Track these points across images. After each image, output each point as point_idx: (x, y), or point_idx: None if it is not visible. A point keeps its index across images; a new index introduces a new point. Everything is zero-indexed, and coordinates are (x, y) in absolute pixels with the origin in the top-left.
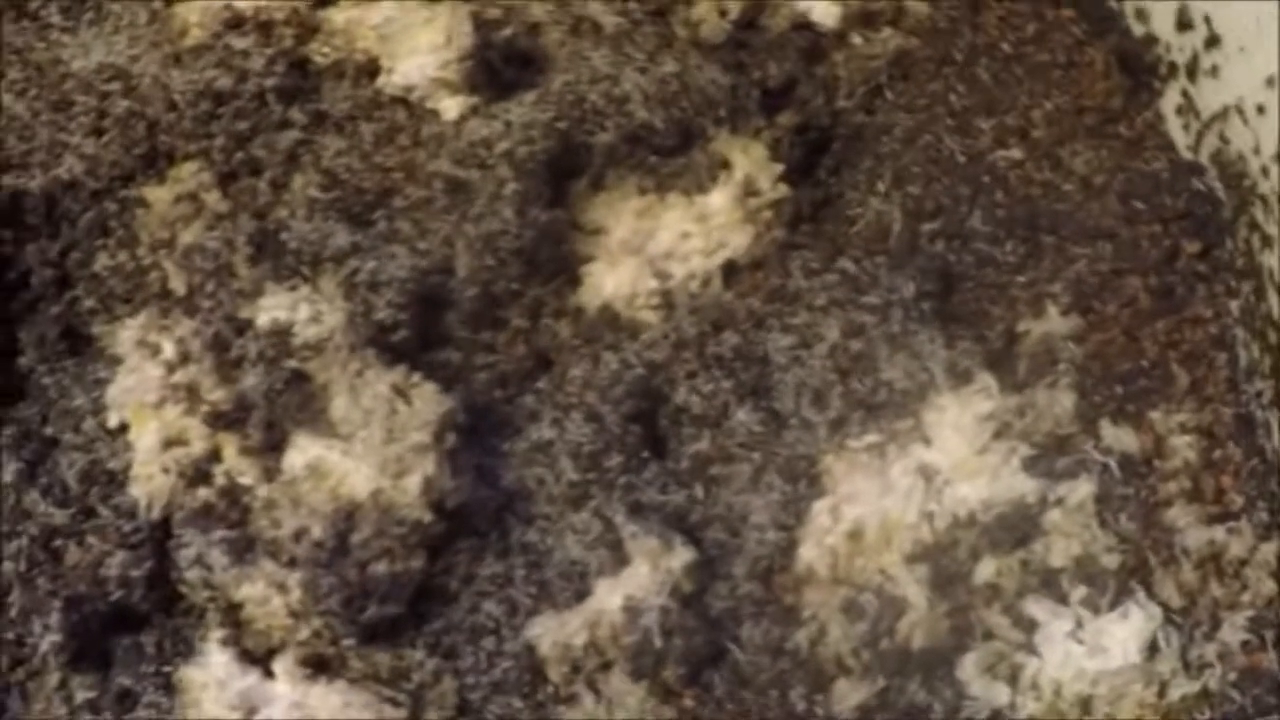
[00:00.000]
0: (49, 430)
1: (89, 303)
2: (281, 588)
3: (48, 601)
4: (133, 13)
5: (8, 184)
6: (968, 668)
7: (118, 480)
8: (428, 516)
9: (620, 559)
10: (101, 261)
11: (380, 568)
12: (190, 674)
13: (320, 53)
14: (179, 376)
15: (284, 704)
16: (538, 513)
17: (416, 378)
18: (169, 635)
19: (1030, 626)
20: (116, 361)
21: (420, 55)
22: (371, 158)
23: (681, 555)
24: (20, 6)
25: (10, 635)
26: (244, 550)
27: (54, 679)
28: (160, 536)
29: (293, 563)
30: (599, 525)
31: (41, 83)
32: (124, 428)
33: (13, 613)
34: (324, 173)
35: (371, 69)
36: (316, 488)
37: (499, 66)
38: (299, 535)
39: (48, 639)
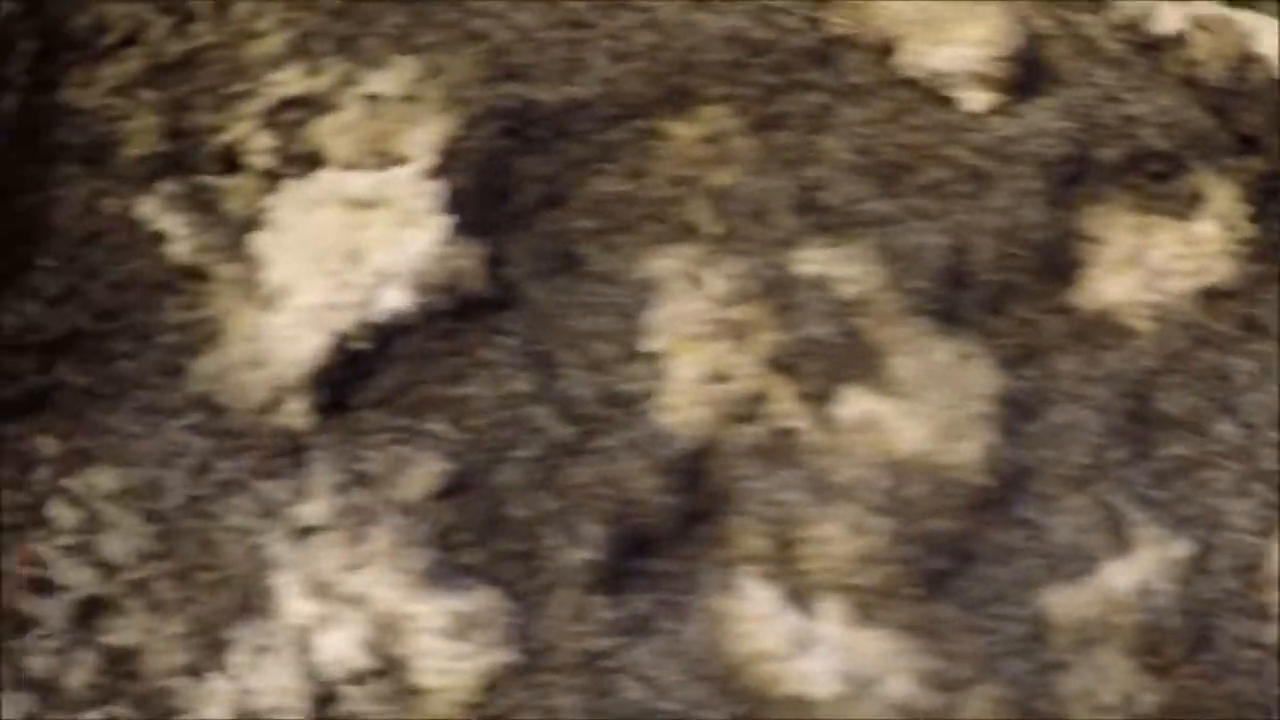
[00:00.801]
0: (543, 346)
1: (584, 224)
2: (858, 530)
3: (567, 518)
4: None
5: (518, 94)
6: None
7: (637, 405)
8: (986, 481)
9: (1122, 543)
10: (601, 186)
11: (937, 524)
12: (727, 605)
13: (834, 21)
14: (729, 313)
15: (831, 646)
16: (1043, 491)
17: (979, 349)
18: (689, 565)
19: None
20: (643, 288)
21: (962, 45)
22: (888, 133)
23: (1181, 546)
24: None
25: (518, 547)
26: (817, 493)
27: (571, 597)
28: (693, 466)
29: (868, 509)
30: (1101, 510)
31: None
32: (654, 355)
33: (524, 525)
34: (851, 137)
35: (886, 47)
36: (867, 440)
37: (1019, 67)
38: (862, 484)
39: (572, 555)
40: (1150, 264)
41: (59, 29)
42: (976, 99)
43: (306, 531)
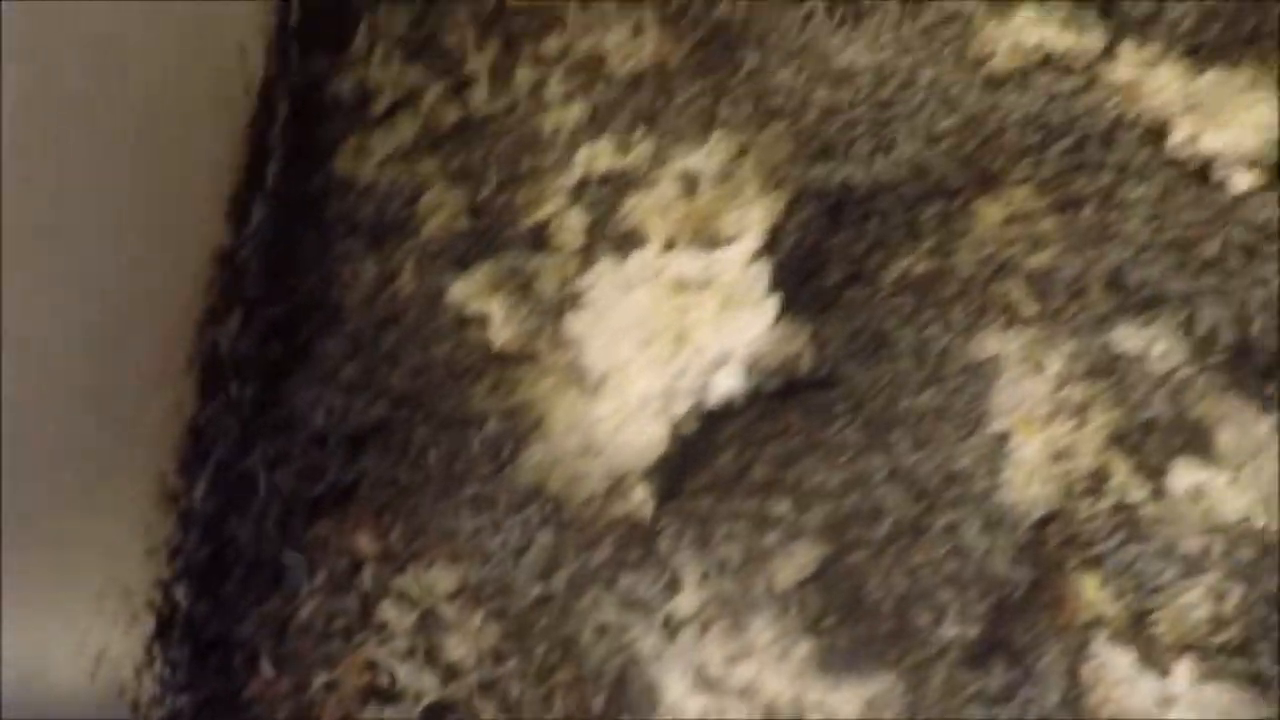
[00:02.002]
0: (877, 426)
1: (894, 303)
2: (1220, 598)
3: (933, 595)
4: (900, 22)
5: (831, 174)
6: None
7: (980, 483)
8: None
9: None
10: (910, 265)
11: (1270, 583)
12: (1086, 672)
13: (1110, 102)
14: (1067, 393)
15: (1187, 702)
16: None
17: None
18: (1045, 633)
19: None
20: (975, 369)
21: (1239, 130)
22: (1163, 212)
23: None
24: None
25: (886, 627)
26: (1176, 562)
27: (944, 671)
28: (1039, 542)
29: (1225, 575)
30: None
31: (825, 73)
32: (1003, 436)
33: (885, 605)
34: (1139, 218)
35: (1158, 129)
36: (1195, 509)
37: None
38: (1205, 552)
39: (943, 632)
40: None
41: (319, 93)
42: (1243, 180)
43: (680, 624)
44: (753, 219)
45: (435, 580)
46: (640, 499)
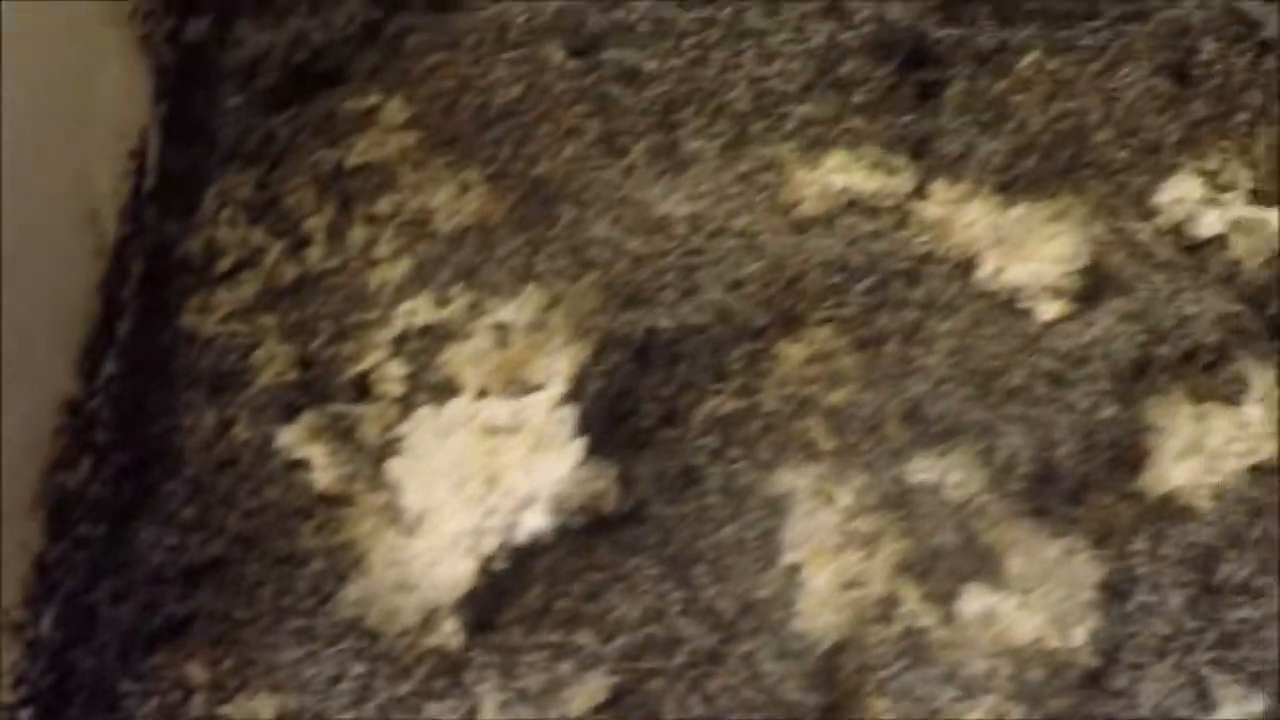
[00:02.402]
0: (679, 560)
1: (702, 442)
2: (997, 716)
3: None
4: (720, 171)
5: (638, 320)
6: None
7: (774, 613)
8: (1094, 662)
9: (1208, 703)
10: (718, 406)
11: (1055, 704)
12: None
13: (919, 240)
14: (857, 525)
15: None
16: (1134, 662)
17: (1081, 543)
18: None
19: None
20: (772, 504)
21: (1040, 262)
22: (972, 344)
23: (1259, 701)
24: (611, 142)
25: None
26: (957, 684)
27: None
28: (831, 668)
29: (1005, 697)
30: (1184, 674)
31: (640, 223)
32: (795, 567)
33: None
34: (944, 351)
35: (967, 263)
36: (985, 632)
37: (1089, 277)
38: (990, 674)
39: None
40: (1208, 448)
41: (169, 253)
42: (1049, 309)
43: None
44: (560, 366)
45: (258, 708)
46: (450, 631)
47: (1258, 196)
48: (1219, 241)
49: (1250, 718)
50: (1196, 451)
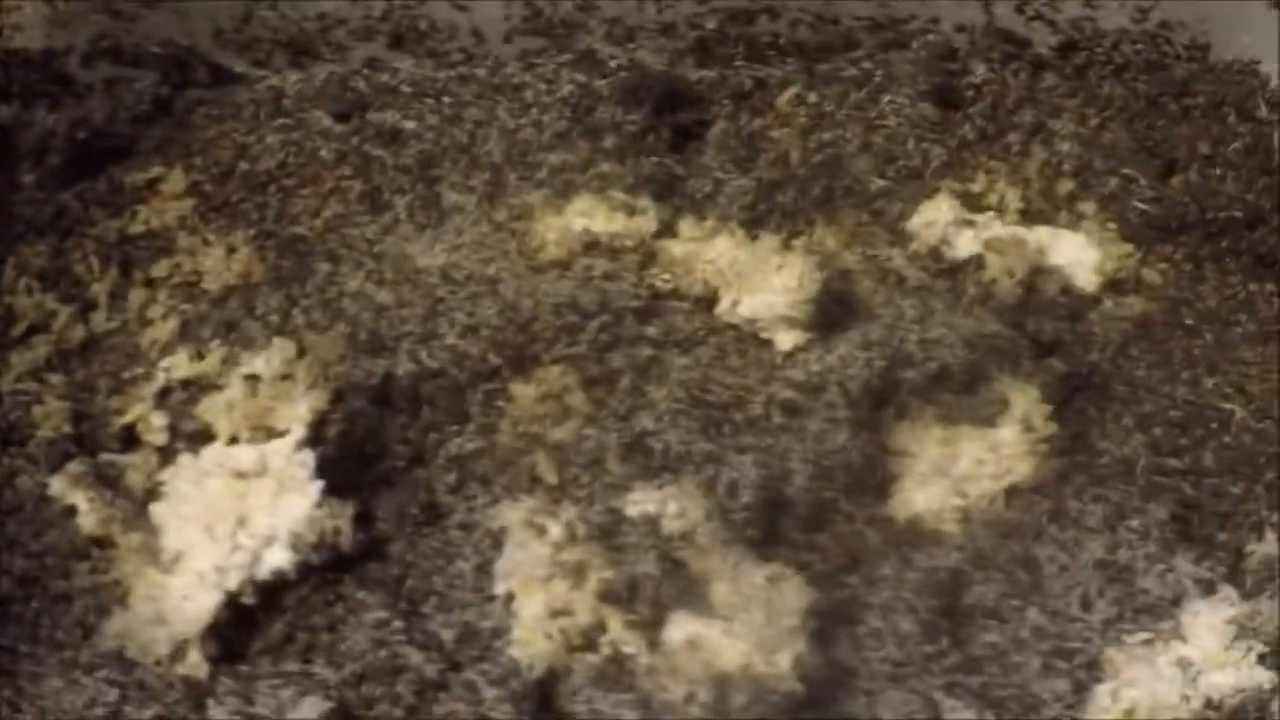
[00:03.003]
0: (410, 589)
1: (444, 479)
2: None
3: None
4: (478, 221)
5: (377, 367)
6: None
7: (492, 641)
8: (798, 687)
9: None
10: (459, 445)
11: None
12: None
13: (661, 278)
14: (566, 555)
15: None
16: (866, 687)
17: (788, 570)
18: None
19: None
20: (493, 536)
21: (770, 294)
22: (712, 376)
23: None
24: (374, 199)
25: None
26: (644, 711)
27: None
28: (541, 694)
29: None
30: (917, 700)
31: (396, 276)
32: (509, 596)
33: None
34: (676, 385)
35: (710, 298)
36: (693, 659)
37: (825, 306)
38: (689, 699)
39: None
40: (955, 472)
41: None
42: (786, 339)
43: None
44: (301, 413)
45: None
46: (195, 661)
47: (1028, 215)
48: (975, 262)
49: None
50: (943, 475)
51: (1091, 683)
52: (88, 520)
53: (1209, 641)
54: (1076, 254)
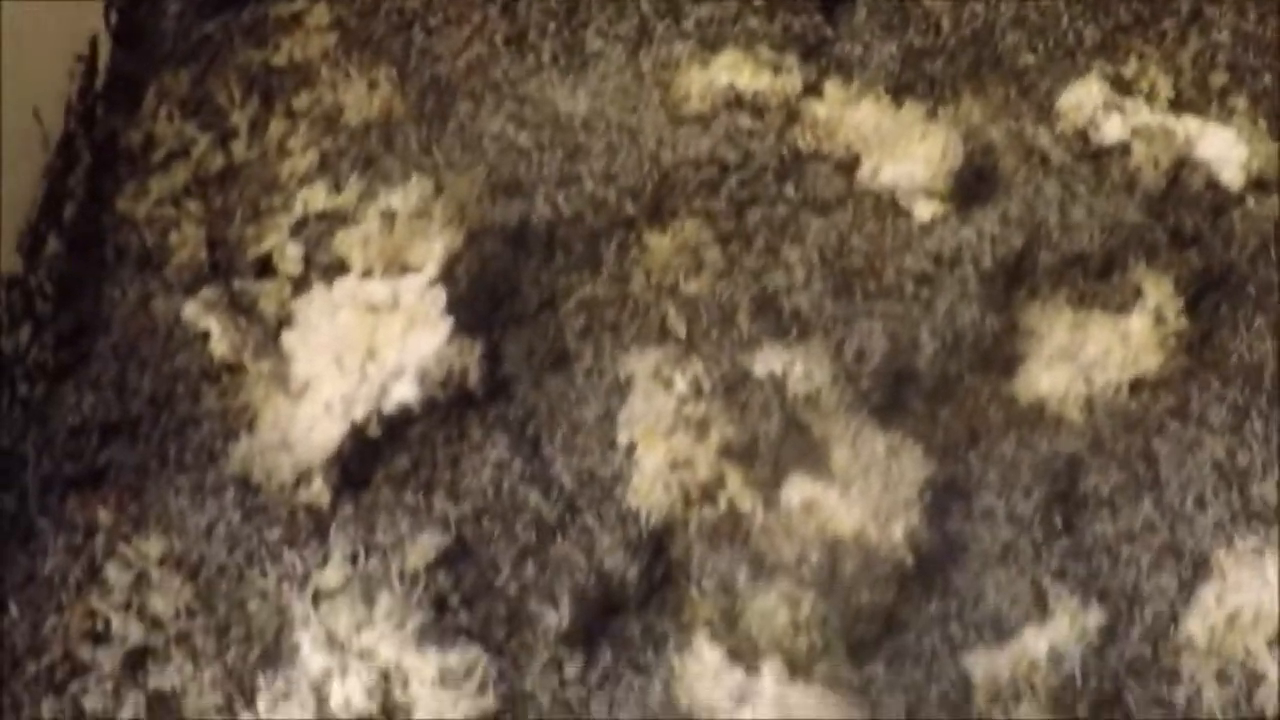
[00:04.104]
0: (533, 431)
1: (573, 324)
2: (794, 604)
3: (548, 585)
4: (622, 69)
5: (513, 209)
6: None
7: (612, 489)
8: (908, 559)
9: (1043, 612)
10: (590, 290)
11: (865, 596)
12: (684, 663)
13: (803, 139)
14: (690, 409)
15: (769, 700)
16: (975, 565)
17: (909, 441)
18: (651, 627)
19: None
20: (620, 386)
21: (911, 163)
22: (847, 241)
23: (1095, 615)
24: (519, 42)
25: (503, 610)
26: (757, 568)
27: (547, 654)
28: (655, 544)
29: (801, 583)
30: (1025, 582)
31: (538, 119)
32: (631, 446)
33: (510, 590)
34: (811, 247)
35: (851, 163)
36: (808, 522)
37: (966, 180)
38: (800, 561)
39: (550, 618)
40: (1083, 359)
41: (113, 144)
42: (925, 209)
43: (324, 594)
44: (435, 250)
45: (149, 548)
46: (318, 489)
47: (1178, 104)
48: (1121, 148)
49: (1084, 628)
50: (1070, 360)
51: (1198, 584)
52: (219, 345)
53: None
54: (1224, 149)
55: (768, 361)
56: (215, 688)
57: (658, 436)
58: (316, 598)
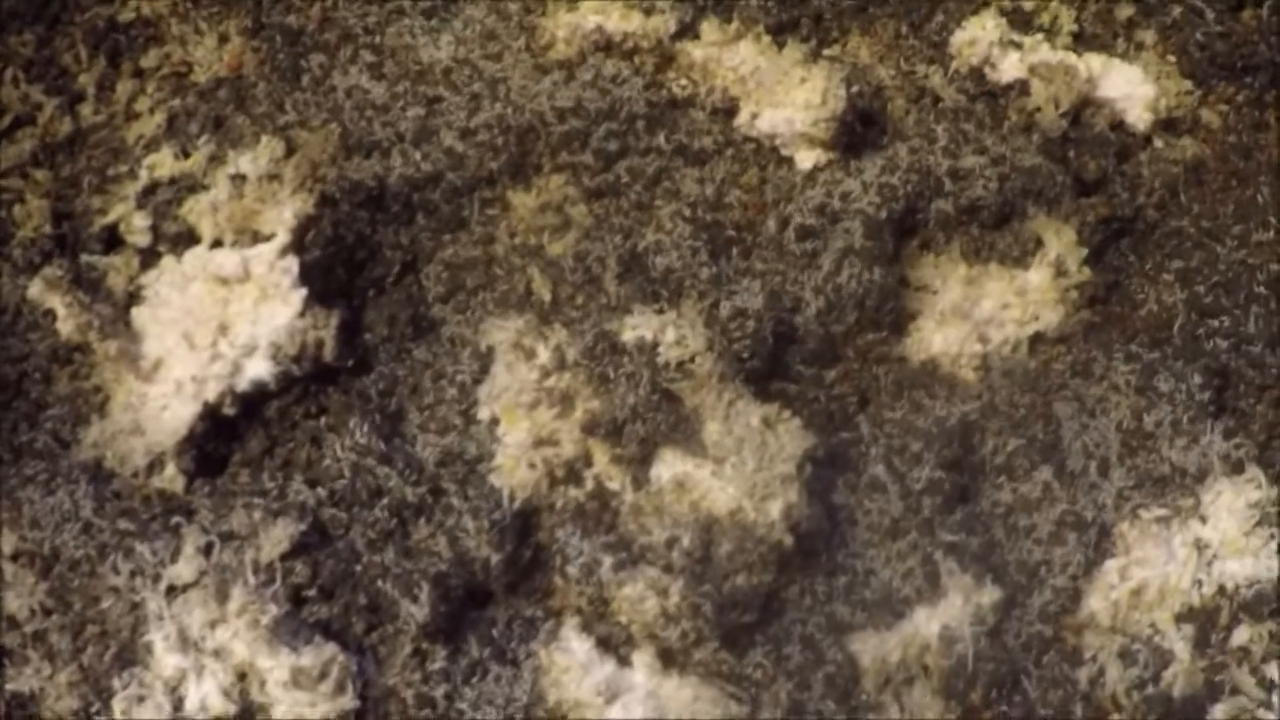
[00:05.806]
0: (394, 406)
1: (436, 289)
2: (663, 592)
3: (409, 574)
4: (487, 13)
5: (369, 168)
6: (1216, 716)
7: (475, 468)
8: (787, 539)
9: (936, 590)
10: (453, 253)
11: (741, 580)
12: (551, 656)
13: (677, 84)
14: (553, 381)
15: (641, 693)
16: (862, 540)
17: (786, 413)
18: (519, 616)
19: (1270, 687)
20: (482, 356)
21: (791, 109)
22: (725, 193)
23: (991, 593)
24: None
25: (363, 601)
26: (624, 553)
27: (409, 647)
28: (521, 526)
29: (669, 569)
30: (916, 558)
31: (397, 70)
32: (494, 422)
33: (370, 580)
34: (685, 201)
35: (729, 108)
36: (680, 500)
37: (851, 125)
38: (670, 544)
39: (409, 609)
40: (979, 314)
41: None
42: (807, 158)
43: (177, 589)
44: (286, 217)
45: (2, 544)
46: (171, 474)
47: (1080, 39)
48: (1019, 87)
49: (978, 606)
50: (964, 317)
51: (1101, 557)
52: (66, 325)
53: (1229, 525)
54: (1130, 87)
55: (637, 327)
56: (72, 690)
57: (520, 411)
58: (170, 593)
